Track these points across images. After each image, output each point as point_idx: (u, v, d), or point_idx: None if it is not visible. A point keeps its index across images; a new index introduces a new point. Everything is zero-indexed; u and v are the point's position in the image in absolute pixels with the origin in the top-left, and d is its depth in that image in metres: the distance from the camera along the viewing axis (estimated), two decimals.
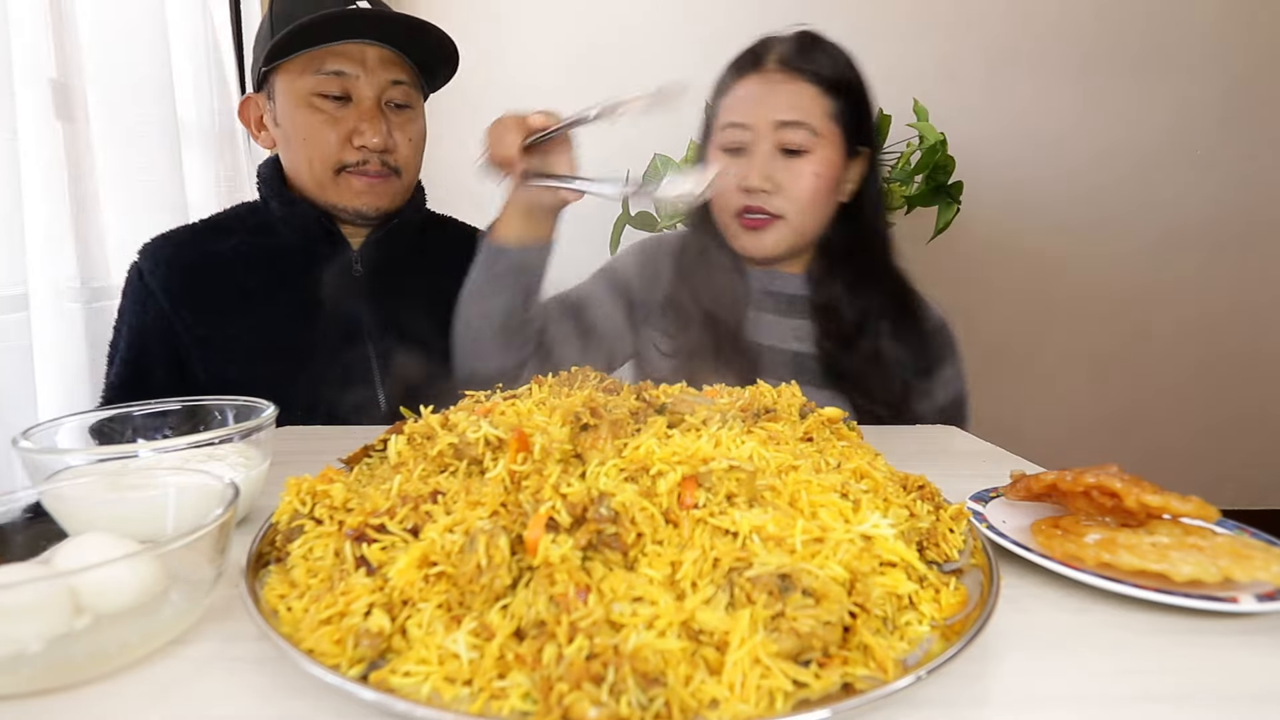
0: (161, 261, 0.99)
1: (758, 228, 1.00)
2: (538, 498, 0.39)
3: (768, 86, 0.98)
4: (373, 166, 1.00)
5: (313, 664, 0.32)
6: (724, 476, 0.40)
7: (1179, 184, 2.32)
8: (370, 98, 0.99)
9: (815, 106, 0.97)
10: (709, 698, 0.30)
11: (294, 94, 0.98)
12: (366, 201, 1.02)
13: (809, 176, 0.97)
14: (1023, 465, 0.69)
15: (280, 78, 0.99)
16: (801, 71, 0.97)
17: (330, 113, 0.98)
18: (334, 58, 0.97)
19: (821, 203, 1.00)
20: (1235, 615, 0.42)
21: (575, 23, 2.22)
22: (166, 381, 0.96)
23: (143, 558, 0.36)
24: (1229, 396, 2.44)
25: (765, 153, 0.98)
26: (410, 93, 1.03)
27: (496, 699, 0.31)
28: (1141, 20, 2.23)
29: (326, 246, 1.03)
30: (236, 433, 0.53)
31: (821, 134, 0.97)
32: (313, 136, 0.99)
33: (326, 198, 1.02)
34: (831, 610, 0.33)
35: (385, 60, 1.00)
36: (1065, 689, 0.36)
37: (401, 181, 1.04)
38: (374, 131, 0.98)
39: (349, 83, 0.98)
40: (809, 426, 0.55)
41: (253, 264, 1.01)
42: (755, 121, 0.98)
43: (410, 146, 1.04)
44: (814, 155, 0.97)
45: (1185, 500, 0.48)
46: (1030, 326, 2.38)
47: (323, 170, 1.00)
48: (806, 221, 1.00)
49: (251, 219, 1.05)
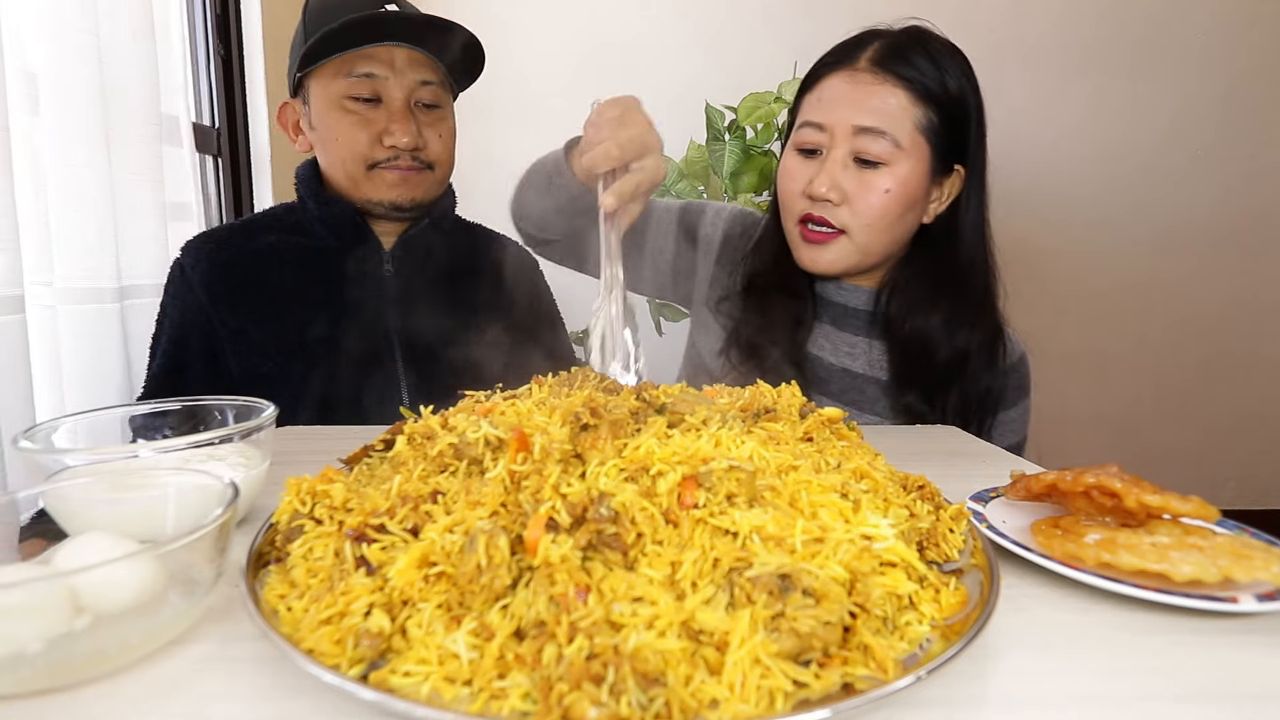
0: (202, 258, 1.03)
1: (819, 241, 0.92)
2: (537, 498, 0.39)
3: (853, 87, 0.89)
4: (404, 162, 1.03)
5: (313, 664, 0.32)
6: (724, 476, 0.40)
7: (1179, 183, 2.32)
8: (400, 98, 1.02)
9: (903, 115, 0.87)
10: (709, 698, 0.30)
11: (327, 97, 1.01)
12: (401, 193, 1.04)
13: (879, 192, 0.88)
14: (1023, 465, 0.69)
15: (314, 82, 1.03)
16: (894, 75, 0.87)
17: (362, 114, 1.01)
18: (364, 61, 0.99)
19: (893, 222, 0.90)
20: (1235, 615, 0.42)
21: (581, 22, 2.22)
22: (204, 374, 1.00)
23: (143, 558, 0.36)
24: (1229, 396, 2.44)
25: (838, 160, 0.89)
26: (439, 92, 1.05)
27: (496, 699, 0.31)
28: (1141, 20, 2.23)
29: (359, 246, 1.07)
30: (236, 433, 0.53)
31: (904, 146, 0.87)
32: (345, 137, 1.02)
33: (361, 193, 1.05)
34: (832, 610, 0.33)
35: (414, 61, 1.02)
36: (1065, 689, 0.36)
37: (434, 175, 1.07)
38: (404, 131, 1.01)
39: (379, 84, 1.01)
40: (809, 426, 0.55)
41: (287, 261, 1.04)
42: (833, 124, 0.89)
43: (441, 143, 1.07)
44: (891, 170, 0.88)
45: (1185, 500, 0.48)
46: (1030, 326, 2.38)
47: (356, 168, 1.03)
48: (873, 241, 0.91)
49: (288, 218, 1.09)
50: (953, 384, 0.94)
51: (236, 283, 1.02)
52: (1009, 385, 1.00)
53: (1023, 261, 2.32)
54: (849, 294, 0.99)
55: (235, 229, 1.09)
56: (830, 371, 0.98)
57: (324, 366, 1.00)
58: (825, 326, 1.00)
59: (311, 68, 1.01)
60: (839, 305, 0.99)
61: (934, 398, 0.95)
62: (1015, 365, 1.01)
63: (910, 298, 0.95)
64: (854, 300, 0.99)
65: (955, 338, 0.93)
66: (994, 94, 0.95)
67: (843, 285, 0.99)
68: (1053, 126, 2.26)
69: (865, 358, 0.98)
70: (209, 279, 1.01)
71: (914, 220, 0.93)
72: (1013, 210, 2.28)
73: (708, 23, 2.24)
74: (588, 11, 2.22)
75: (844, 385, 0.97)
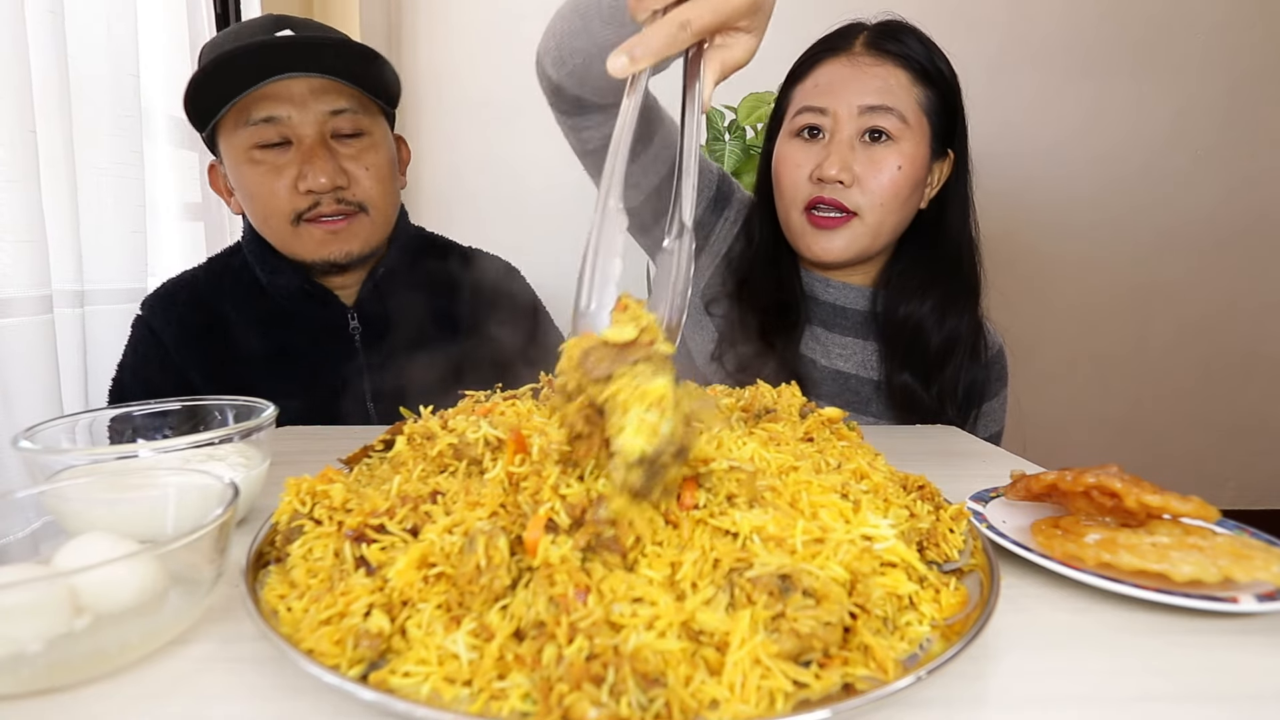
0: (173, 320, 0.96)
1: (829, 226, 0.90)
2: (536, 499, 0.39)
3: (853, 69, 0.88)
4: (327, 208, 0.91)
5: (312, 664, 0.32)
6: (724, 477, 0.40)
7: (1180, 184, 2.32)
8: (310, 135, 0.89)
9: (906, 93, 0.87)
10: (709, 698, 0.30)
11: (235, 152, 0.91)
12: (333, 249, 0.93)
13: (891, 169, 0.87)
14: (1023, 465, 0.69)
15: (221, 138, 0.92)
16: (894, 55, 0.88)
17: (271, 162, 0.90)
18: (261, 103, 0.87)
19: (903, 201, 0.89)
20: (1235, 615, 0.42)
21: None
22: None
23: (143, 558, 0.36)
24: (1229, 397, 2.44)
25: (845, 140, 0.87)
26: (359, 119, 0.93)
27: (496, 699, 0.31)
28: (1143, 22, 2.23)
29: (319, 309, 0.98)
30: (236, 433, 0.53)
31: (910, 123, 0.87)
32: (258, 192, 0.91)
33: (293, 253, 0.94)
34: (832, 611, 0.33)
35: (318, 90, 0.89)
36: (1065, 689, 0.36)
37: (371, 218, 0.95)
38: (319, 171, 0.88)
39: (284, 126, 0.88)
40: (809, 427, 0.55)
41: (252, 328, 0.96)
42: (837, 106, 0.88)
43: (371, 176, 0.94)
44: (899, 145, 0.87)
45: (1185, 500, 0.48)
46: (1030, 327, 2.38)
47: (280, 225, 0.92)
48: (884, 221, 0.90)
49: (246, 275, 0.99)
50: (947, 366, 0.94)
51: (207, 349, 0.95)
52: (991, 377, 1.01)
53: (1023, 262, 2.33)
54: (839, 292, 0.98)
55: (198, 285, 1.00)
56: (823, 374, 0.97)
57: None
58: (815, 329, 0.99)
59: (214, 121, 0.89)
60: (829, 305, 0.98)
61: (930, 380, 0.94)
62: (995, 357, 1.02)
63: (904, 287, 0.95)
64: (844, 299, 0.98)
65: (946, 323, 0.94)
66: (995, 95, 0.96)
67: (831, 283, 0.98)
68: (1054, 127, 2.26)
69: (857, 358, 0.97)
70: (181, 343, 0.94)
71: (916, 202, 0.93)
72: (1013, 211, 2.28)
73: None
74: None
75: (837, 388, 0.97)
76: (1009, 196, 2.24)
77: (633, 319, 0.40)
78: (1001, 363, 1.03)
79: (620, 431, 0.36)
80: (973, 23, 2.17)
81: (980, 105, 2.41)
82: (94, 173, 1.11)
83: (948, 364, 0.94)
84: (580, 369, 0.39)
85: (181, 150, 1.37)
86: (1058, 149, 2.28)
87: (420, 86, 2.12)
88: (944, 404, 0.94)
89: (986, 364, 1.00)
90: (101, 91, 1.12)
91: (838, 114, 0.88)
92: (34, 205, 0.94)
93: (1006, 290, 2.53)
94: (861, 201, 0.89)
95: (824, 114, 0.89)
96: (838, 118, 0.88)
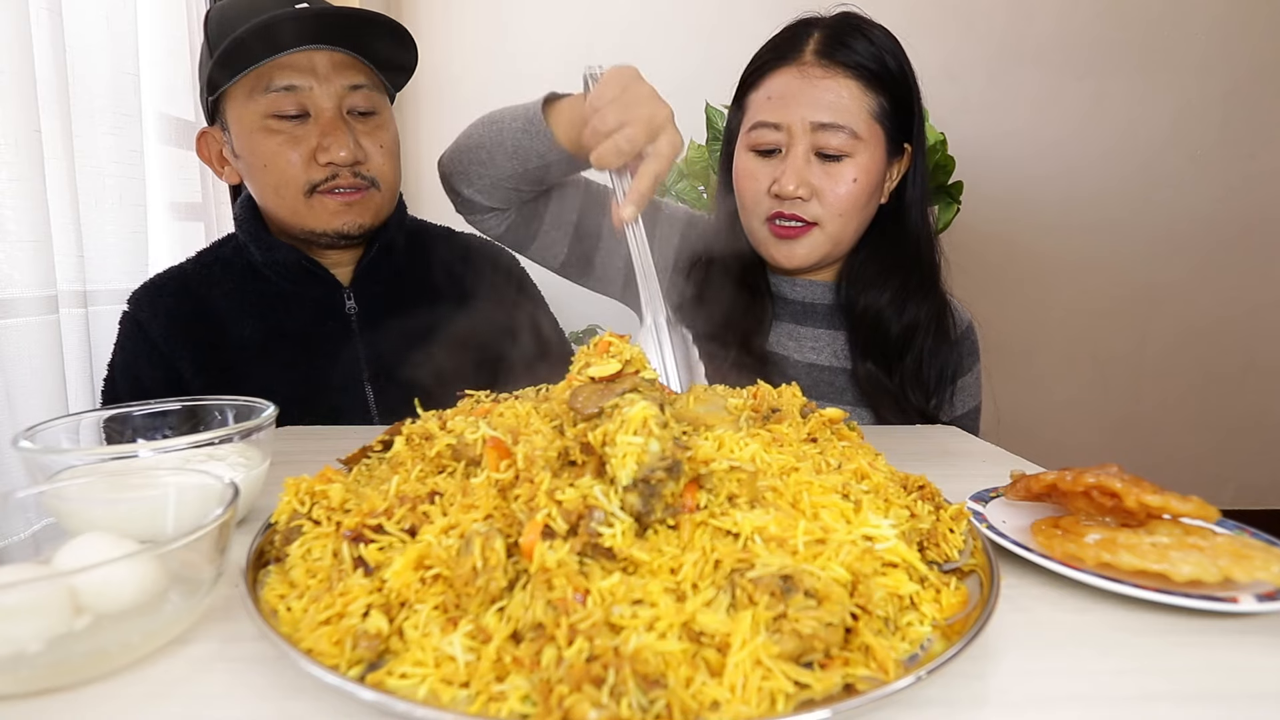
0: (160, 312, 0.95)
1: (791, 236, 0.92)
2: (531, 505, 0.38)
3: (805, 82, 0.89)
4: (344, 181, 0.92)
5: (312, 664, 0.32)
6: (725, 478, 0.40)
7: (1179, 184, 2.32)
8: (330, 108, 0.90)
9: (857, 106, 0.88)
10: (710, 699, 0.30)
11: (247, 119, 0.90)
12: (346, 220, 0.94)
13: (847, 183, 0.89)
14: (1023, 465, 0.69)
15: (230, 105, 0.91)
16: (843, 66, 0.88)
17: (289, 132, 0.89)
18: (281, 72, 0.87)
19: (861, 207, 0.92)
20: (1235, 615, 0.42)
21: (579, 23, 2.22)
22: None
23: (143, 558, 0.36)
24: (1229, 397, 2.44)
25: (800, 156, 0.89)
26: (373, 97, 0.94)
27: (495, 701, 0.31)
28: (1142, 21, 2.23)
29: (315, 288, 0.98)
30: (236, 433, 0.53)
31: (863, 137, 0.88)
32: (274, 161, 0.90)
33: (303, 224, 0.94)
34: (833, 611, 0.33)
35: (339, 65, 0.90)
36: (1065, 689, 0.36)
37: (381, 193, 0.97)
38: (340, 144, 0.89)
39: (304, 96, 0.89)
40: (812, 427, 0.55)
41: (246, 313, 0.96)
42: (790, 121, 0.89)
43: (384, 154, 0.95)
44: (854, 160, 0.89)
45: (1185, 500, 0.48)
46: (1030, 327, 2.38)
47: (293, 196, 0.92)
48: (844, 229, 0.92)
49: (238, 261, 0.99)
50: (907, 353, 0.96)
51: (197, 339, 0.93)
52: (963, 353, 1.03)
53: (1023, 262, 2.33)
54: (805, 289, 1.00)
55: (187, 277, 0.99)
56: (796, 369, 0.99)
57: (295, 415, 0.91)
58: (786, 325, 1.01)
59: (225, 88, 0.89)
60: (797, 303, 1.00)
61: (892, 368, 0.96)
62: (965, 333, 1.03)
63: (863, 278, 0.97)
64: (811, 295, 1.00)
65: (906, 312, 0.96)
66: (994, 94, 0.96)
67: (798, 282, 1.00)
68: (1052, 128, 2.26)
69: (829, 349, 1.00)
70: (169, 334, 0.93)
71: (876, 204, 0.95)
72: (1013, 211, 2.28)
73: (706, 23, 2.24)
74: (585, 12, 2.22)
75: (812, 380, 0.99)
76: (1009, 196, 2.24)
77: (615, 355, 0.41)
78: (972, 338, 1.04)
79: (611, 461, 0.37)
80: (973, 23, 2.17)
81: (980, 105, 2.41)
82: (94, 173, 1.12)
83: (908, 351, 0.96)
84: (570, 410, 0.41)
85: (182, 150, 1.37)
86: (1058, 149, 2.28)
87: (420, 84, 2.12)
88: (907, 389, 0.96)
89: (957, 341, 1.01)
90: (101, 91, 1.12)
91: (791, 128, 0.89)
92: (39, 205, 0.94)
93: (1007, 290, 2.52)
94: (821, 213, 0.91)
95: (778, 129, 0.90)
96: (791, 132, 0.89)
